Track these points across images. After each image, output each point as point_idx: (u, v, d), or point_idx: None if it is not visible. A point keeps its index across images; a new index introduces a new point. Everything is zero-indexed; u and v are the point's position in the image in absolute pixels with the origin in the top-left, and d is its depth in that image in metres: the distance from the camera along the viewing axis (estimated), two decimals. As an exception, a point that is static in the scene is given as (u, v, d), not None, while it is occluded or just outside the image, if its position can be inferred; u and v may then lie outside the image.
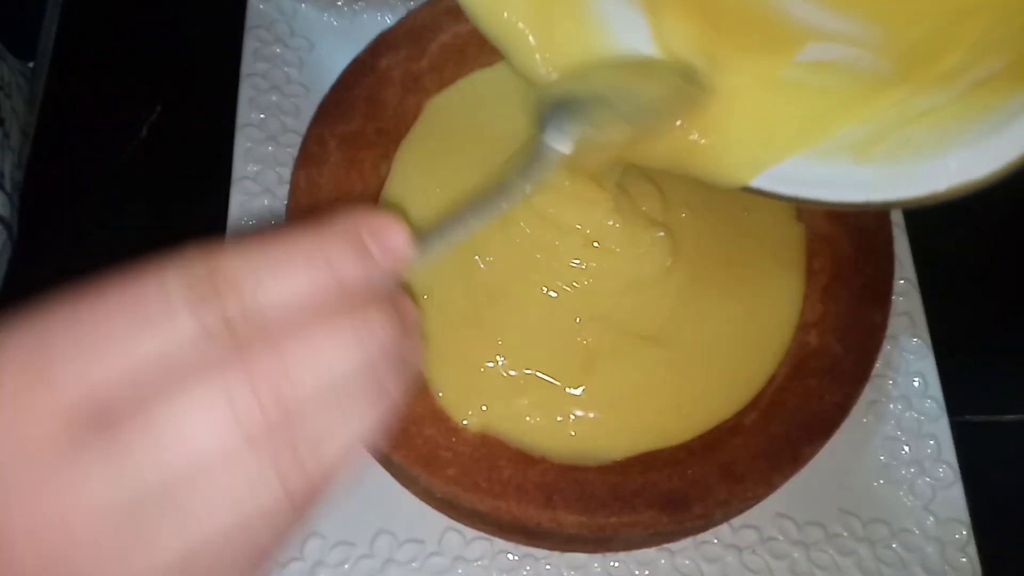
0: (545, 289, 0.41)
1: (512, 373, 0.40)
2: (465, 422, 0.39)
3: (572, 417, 0.40)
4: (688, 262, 0.42)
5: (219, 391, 0.15)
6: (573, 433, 0.40)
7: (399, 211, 0.44)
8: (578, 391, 0.40)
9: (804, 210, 0.45)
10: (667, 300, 0.42)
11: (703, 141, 0.29)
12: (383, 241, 0.19)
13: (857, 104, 0.28)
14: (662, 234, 0.42)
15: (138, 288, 0.16)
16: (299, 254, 0.18)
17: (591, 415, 0.40)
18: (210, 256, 0.16)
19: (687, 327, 0.42)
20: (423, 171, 0.45)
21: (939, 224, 0.49)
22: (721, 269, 0.43)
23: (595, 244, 0.41)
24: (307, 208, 0.42)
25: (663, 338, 0.41)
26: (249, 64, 0.49)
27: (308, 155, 0.44)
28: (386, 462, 0.40)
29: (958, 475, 0.43)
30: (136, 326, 0.15)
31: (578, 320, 0.41)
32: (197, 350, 0.15)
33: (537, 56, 0.30)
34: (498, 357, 0.40)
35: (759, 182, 0.29)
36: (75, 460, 0.15)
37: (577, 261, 0.41)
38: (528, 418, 0.40)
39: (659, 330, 0.41)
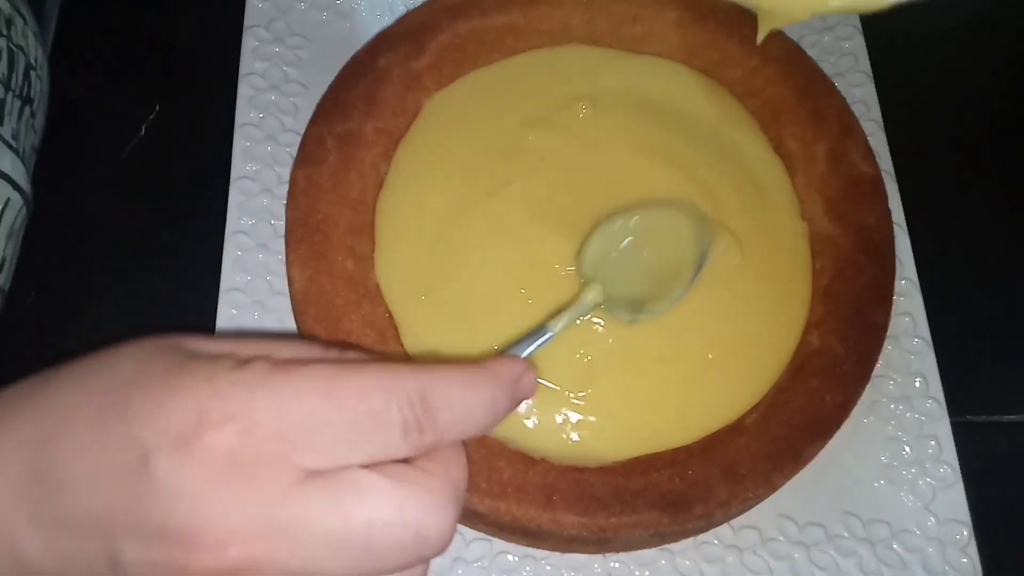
0: (533, 304, 0.41)
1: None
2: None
3: (573, 421, 0.40)
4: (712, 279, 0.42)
5: (392, 496, 0.22)
6: (575, 437, 0.40)
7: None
8: (579, 396, 0.40)
9: (806, 209, 0.45)
10: (677, 321, 0.41)
11: None
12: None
13: None
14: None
15: (370, 403, 0.21)
16: (480, 411, 0.24)
17: (592, 419, 0.40)
18: (423, 396, 0.22)
19: (694, 342, 0.41)
20: (422, 171, 0.45)
21: (941, 224, 0.49)
22: (735, 278, 0.42)
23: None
24: (306, 211, 0.42)
25: (669, 355, 0.41)
26: (248, 63, 0.49)
27: (307, 154, 0.43)
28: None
29: (959, 475, 0.43)
30: (359, 427, 0.21)
31: (580, 353, 0.41)
32: (391, 456, 0.22)
33: None
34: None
35: None
36: (291, 493, 0.21)
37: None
38: (528, 421, 0.39)
39: (665, 348, 0.41)
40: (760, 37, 0.31)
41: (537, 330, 0.35)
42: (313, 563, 0.21)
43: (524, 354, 0.34)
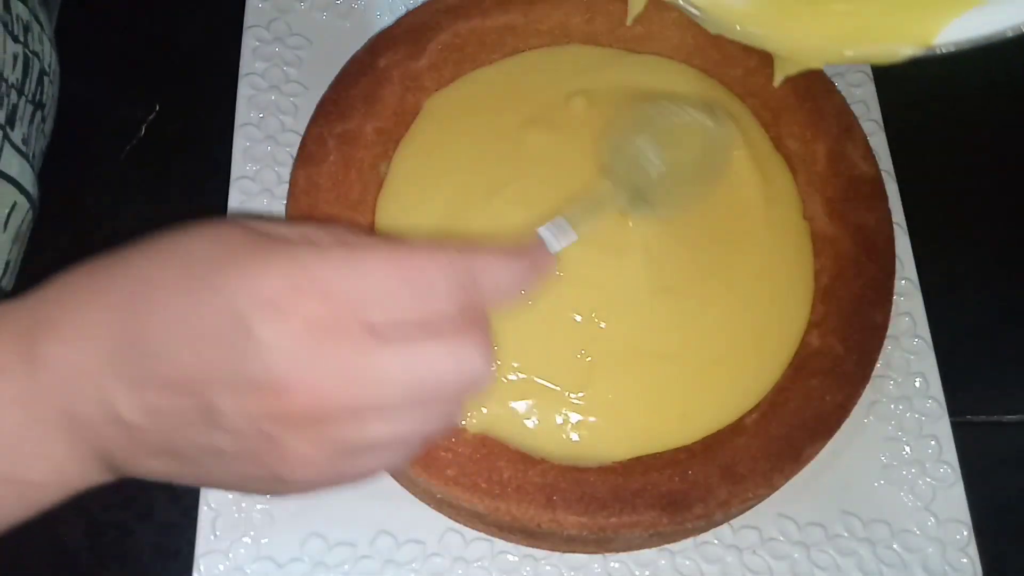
0: (533, 305, 0.41)
1: (511, 378, 0.40)
2: (464, 423, 0.39)
3: (573, 422, 0.40)
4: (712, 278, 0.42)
5: (463, 348, 0.26)
6: (575, 437, 0.39)
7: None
8: (579, 397, 0.40)
9: (806, 208, 0.45)
10: (677, 321, 0.41)
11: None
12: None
13: None
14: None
15: (427, 274, 0.25)
16: (518, 278, 0.28)
17: (592, 419, 0.40)
18: (469, 269, 0.26)
19: (695, 342, 0.41)
20: (422, 171, 0.44)
21: (941, 224, 0.49)
22: (737, 277, 0.42)
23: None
24: (306, 211, 0.42)
25: (668, 353, 0.41)
26: (248, 63, 0.49)
27: (307, 154, 0.43)
28: (386, 463, 0.40)
29: (959, 475, 0.43)
30: (418, 295, 0.25)
31: (580, 353, 0.41)
32: (441, 318, 0.25)
33: None
34: (495, 362, 0.40)
35: (949, 36, 0.28)
36: (368, 350, 0.24)
37: (579, 317, 0.41)
38: (528, 421, 0.39)
39: (663, 345, 0.41)
40: (777, 81, 0.32)
41: (556, 220, 0.34)
42: (389, 402, 0.25)
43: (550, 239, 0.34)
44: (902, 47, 0.29)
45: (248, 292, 0.24)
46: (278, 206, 0.45)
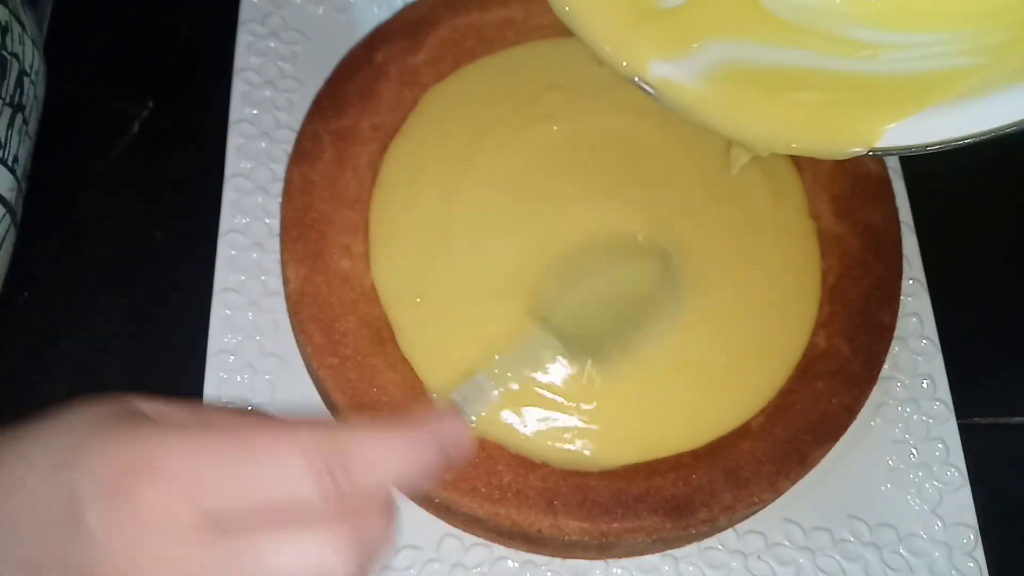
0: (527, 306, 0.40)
1: (512, 386, 0.39)
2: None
3: (575, 428, 0.39)
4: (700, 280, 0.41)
5: (312, 542, 0.23)
6: (576, 444, 0.39)
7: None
8: (580, 405, 0.39)
9: (813, 206, 0.44)
10: (683, 325, 0.41)
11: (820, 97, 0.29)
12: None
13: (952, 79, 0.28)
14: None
15: (279, 455, 0.23)
16: (396, 461, 0.25)
17: (594, 427, 0.39)
18: (334, 445, 0.23)
19: (702, 346, 0.41)
20: (418, 167, 0.44)
21: (949, 223, 0.49)
22: (743, 279, 0.42)
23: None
24: (301, 209, 0.41)
25: (671, 356, 0.40)
26: (242, 58, 0.48)
27: (302, 151, 0.43)
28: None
29: (966, 478, 0.42)
30: (267, 479, 0.23)
31: (587, 362, 0.40)
32: (304, 506, 0.23)
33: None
34: (496, 367, 0.39)
35: (889, 141, 0.29)
36: (199, 543, 0.22)
37: None
38: (528, 427, 0.39)
39: (673, 354, 0.40)
40: (733, 169, 0.33)
41: (477, 376, 0.32)
42: None
43: (464, 399, 0.31)
44: (848, 146, 0.29)
45: (87, 474, 0.23)
46: (273, 204, 0.45)
